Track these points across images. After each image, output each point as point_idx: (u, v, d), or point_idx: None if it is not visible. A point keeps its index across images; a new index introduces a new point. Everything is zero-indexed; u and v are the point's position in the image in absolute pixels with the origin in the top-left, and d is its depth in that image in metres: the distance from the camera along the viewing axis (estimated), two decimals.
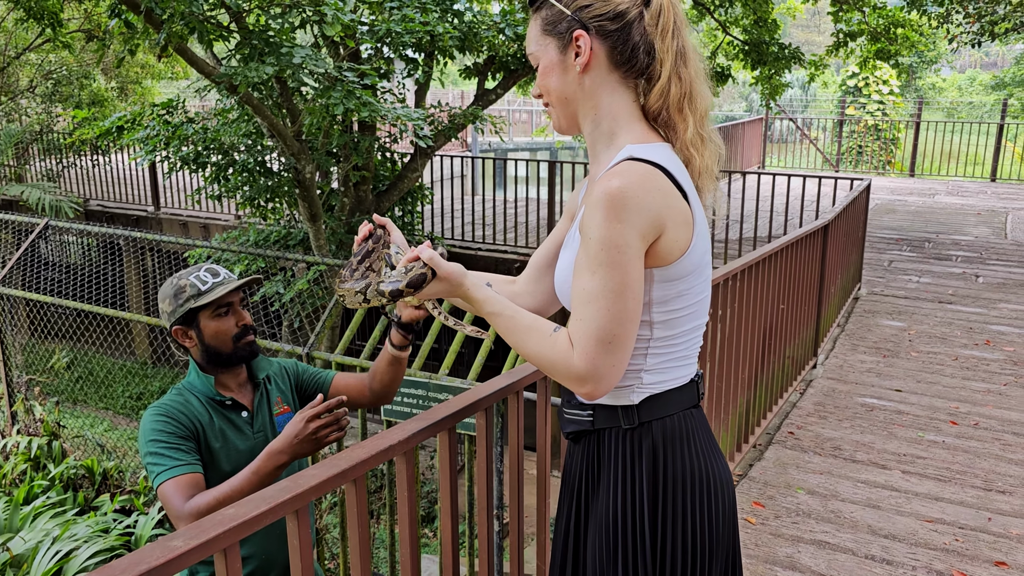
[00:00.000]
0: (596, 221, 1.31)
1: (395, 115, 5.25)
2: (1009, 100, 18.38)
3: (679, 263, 1.38)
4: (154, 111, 6.74)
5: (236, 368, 2.22)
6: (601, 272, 1.31)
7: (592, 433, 1.50)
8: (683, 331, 1.44)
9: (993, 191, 12.86)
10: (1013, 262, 8.29)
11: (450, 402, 1.65)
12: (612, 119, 1.44)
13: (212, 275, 2.16)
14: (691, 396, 1.50)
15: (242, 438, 2.16)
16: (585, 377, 1.32)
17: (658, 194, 1.33)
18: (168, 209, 11.67)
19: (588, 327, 1.32)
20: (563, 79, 1.43)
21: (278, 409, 2.28)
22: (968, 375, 5.35)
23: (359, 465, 1.37)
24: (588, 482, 1.52)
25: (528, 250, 8.91)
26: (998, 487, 3.83)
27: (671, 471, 1.44)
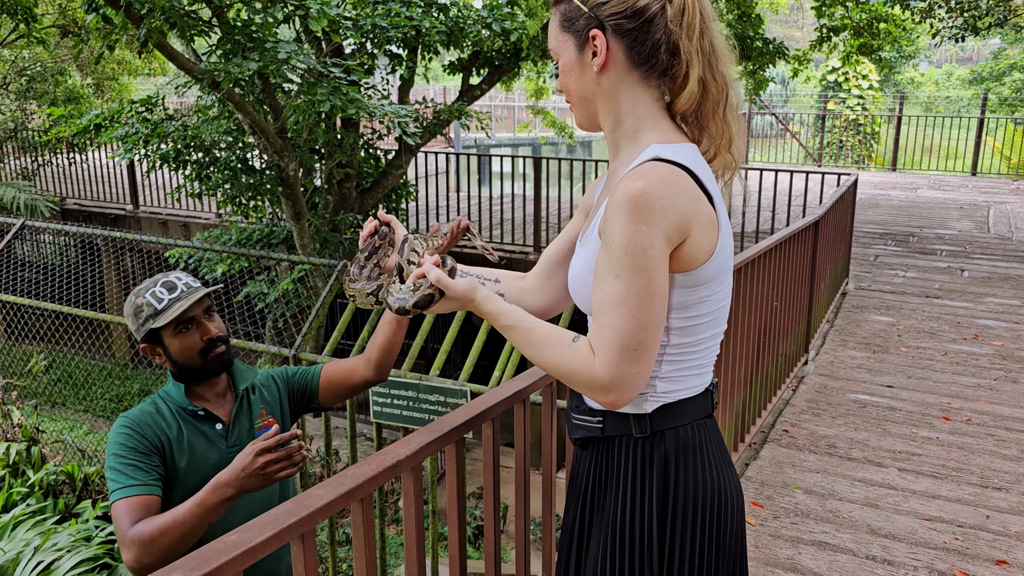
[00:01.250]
0: (619, 223, 1.25)
1: (382, 112, 5.16)
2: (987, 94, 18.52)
3: (703, 268, 1.32)
4: (133, 108, 6.60)
5: (212, 380, 2.13)
6: (625, 276, 1.25)
7: (601, 440, 1.44)
8: (701, 339, 1.39)
9: (974, 185, 12.95)
10: (997, 256, 8.33)
11: (457, 413, 1.58)
12: (635, 118, 1.38)
13: (168, 290, 2.04)
14: (705, 406, 1.45)
15: (214, 451, 2.07)
16: (609, 386, 1.27)
17: (684, 196, 1.27)
18: (147, 208, 11.49)
19: (612, 334, 1.26)
20: (581, 79, 1.38)
21: (260, 422, 2.13)
22: (958, 370, 5.35)
23: (366, 483, 1.30)
24: (595, 489, 1.46)
25: (515, 247, 8.85)
26: (994, 484, 3.81)
27: (682, 483, 1.39)
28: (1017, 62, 20.35)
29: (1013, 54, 21.09)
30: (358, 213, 7.94)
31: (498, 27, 6.01)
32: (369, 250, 1.54)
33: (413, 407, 4.50)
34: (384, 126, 5.51)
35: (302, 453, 1.83)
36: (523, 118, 23.94)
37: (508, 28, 6.02)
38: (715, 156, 1.40)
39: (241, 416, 2.13)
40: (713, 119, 1.38)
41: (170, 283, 2.05)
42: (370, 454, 6.10)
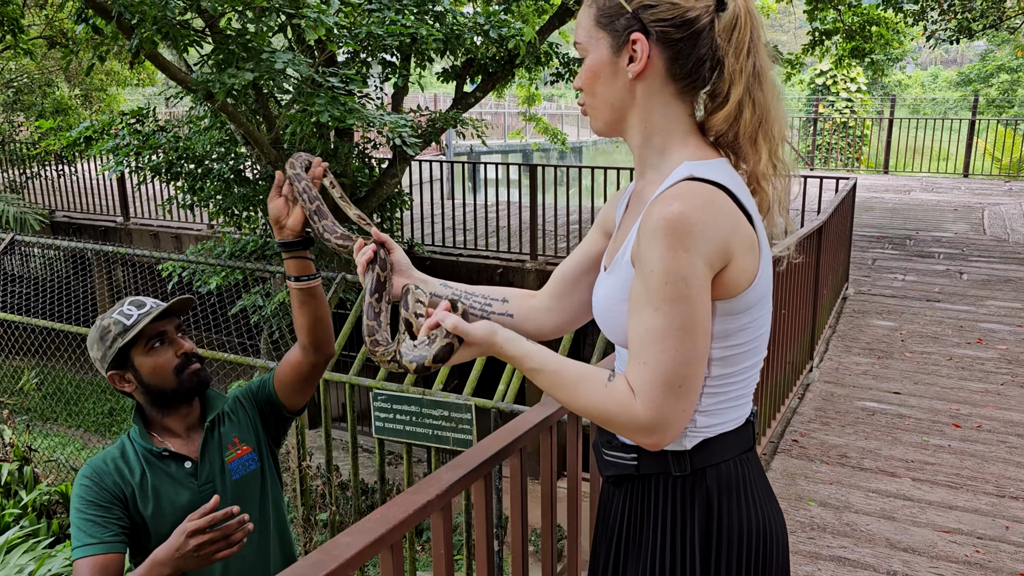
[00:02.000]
0: (656, 251, 1.15)
1: (381, 122, 5.07)
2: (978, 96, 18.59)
3: (745, 294, 1.23)
4: (124, 120, 6.49)
5: (185, 407, 1.97)
6: (665, 308, 1.15)
7: (636, 478, 1.35)
8: (742, 368, 1.29)
9: (967, 187, 12.96)
10: (995, 258, 8.31)
11: (484, 445, 1.50)
12: (665, 134, 1.28)
13: (137, 307, 1.92)
14: (747, 439, 1.36)
15: (184, 492, 1.91)
16: (652, 427, 1.17)
17: (724, 218, 1.18)
18: (138, 219, 11.36)
19: (653, 371, 1.17)
20: (611, 83, 1.27)
21: (231, 453, 1.99)
22: (964, 375, 5.30)
23: (396, 528, 1.21)
24: (630, 528, 1.37)
25: (511, 255, 8.77)
26: (1011, 493, 3.75)
27: (725, 523, 1.30)
28: (1004, 63, 20.45)
29: (1000, 56, 21.20)
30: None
31: (495, 34, 5.95)
32: (375, 287, 1.42)
33: (416, 422, 4.41)
34: (381, 136, 5.43)
35: (244, 529, 1.67)
36: (514, 124, 23.90)
37: (505, 35, 5.96)
38: (756, 192, 1.30)
39: (210, 449, 1.97)
40: (745, 143, 1.28)
41: (138, 302, 1.94)
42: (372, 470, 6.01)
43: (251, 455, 2.01)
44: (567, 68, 8.28)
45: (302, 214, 1.70)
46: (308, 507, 4.85)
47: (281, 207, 1.74)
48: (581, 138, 25.27)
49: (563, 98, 37.32)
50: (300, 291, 1.86)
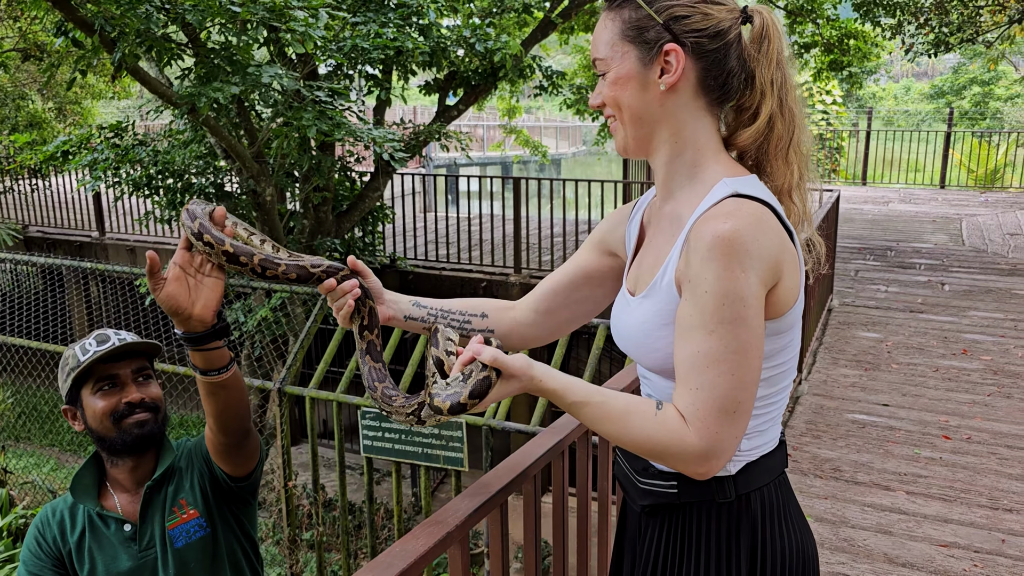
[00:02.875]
0: (713, 271, 1.11)
1: (369, 136, 5.02)
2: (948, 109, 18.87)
3: (790, 313, 1.20)
4: (102, 134, 6.38)
5: (132, 459, 1.78)
6: (721, 331, 1.11)
7: (675, 508, 1.30)
8: (780, 388, 1.27)
9: (944, 198, 13.11)
10: (975, 269, 8.38)
11: (499, 472, 1.44)
12: (696, 149, 1.24)
13: (99, 341, 1.75)
14: (782, 459, 1.33)
15: (123, 557, 1.75)
16: (706, 454, 1.13)
17: (773, 236, 1.15)
18: (113, 234, 11.19)
19: (708, 397, 1.12)
20: (641, 97, 1.22)
21: (175, 518, 1.77)
22: (951, 386, 5.32)
23: (418, 562, 1.16)
24: (668, 561, 1.32)
25: (494, 268, 8.72)
26: (1004, 505, 3.75)
27: (770, 550, 1.26)
28: (977, 76, 20.79)
29: (973, 69, 21.56)
30: (335, 237, 7.77)
31: (481, 47, 5.92)
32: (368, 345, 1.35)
33: (405, 440, 4.34)
34: (364, 149, 5.37)
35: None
36: (493, 137, 23.91)
37: (491, 48, 5.93)
38: (788, 210, 1.26)
39: (152, 511, 1.78)
40: (775, 159, 1.25)
41: (103, 336, 1.77)
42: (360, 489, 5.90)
43: (198, 520, 1.80)
44: (550, 81, 8.28)
45: (214, 294, 1.42)
46: (294, 527, 4.76)
47: (178, 293, 1.39)
48: (560, 150, 25.34)
49: (541, 110, 37.45)
50: (203, 384, 1.57)
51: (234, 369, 1.59)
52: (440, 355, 1.24)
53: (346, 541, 4.64)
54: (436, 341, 1.27)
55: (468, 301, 1.50)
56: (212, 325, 1.45)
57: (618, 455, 1.41)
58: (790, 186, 1.26)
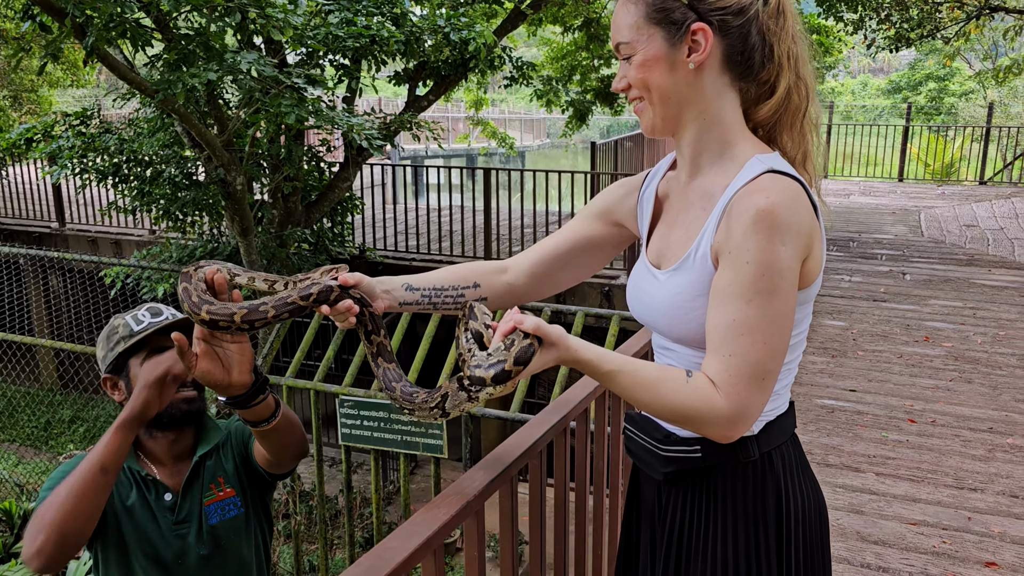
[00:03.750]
0: (755, 243, 1.16)
1: (347, 123, 4.99)
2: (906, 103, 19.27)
3: (813, 285, 1.28)
4: (67, 121, 6.26)
5: (172, 434, 1.79)
6: (759, 300, 1.16)
7: (700, 472, 1.34)
8: (797, 355, 1.35)
9: (902, 191, 13.41)
10: (934, 259, 8.61)
11: (508, 446, 1.47)
12: (723, 126, 1.29)
13: (153, 314, 1.77)
14: (794, 419, 1.41)
15: (156, 526, 1.75)
16: (735, 418, 1.18)
17: (807, 211, 1.21)
18: (74, 225, 10.97)
19: (741, 363, 1.17)
20: (670, 76, 1.26)
21: (212, 494, 1.80)
22: (915, 372, 5.47)
23: (440, 531, 1.18)
24: (693, 526, 1.36)
25: (465, 259, 8.74)
26: (969, 485, 3.88)
27: (792, 504, 1.33)
28: (933, 72, 21.27)
29: (929, 65, 22.04)
30: (304, 227, 7.72)
31: (456, 37, 5.92)
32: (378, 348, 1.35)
33: (384, 428, 4.35)
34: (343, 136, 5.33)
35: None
36: (458, 128, 23.86)
37: (466, 38, 5.93)
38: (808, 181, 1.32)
39: (194, 486, 1.80)
40: (790, 130, 1.32)
41: (156, 309, 1.80)
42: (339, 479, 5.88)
43: (234, 499, 1.83)
44: (520, 72, 8.30)
45: (246, 356, 1.41)
46: None
47: (212, 368, 1.39)
48: (525, 143, 25.39)
49: (505, 103, 37.44)
50: (258, 434, 1.59)
51: (282, 411, 1.60)
52: (479, 328, 1.25)
53: (323, 531, 4.64)
54: (474, 315, 1.29)
55: (457, 272, 1.50)
56: (252, 384, 1.46)
57: (631, 431, 1.45)
58: (804, 155, 1.32)
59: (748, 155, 1.27)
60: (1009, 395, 5.02)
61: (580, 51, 10.77)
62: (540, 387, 8.39)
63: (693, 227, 1.30)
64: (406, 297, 1.46)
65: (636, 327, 6.30)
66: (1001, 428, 4.53)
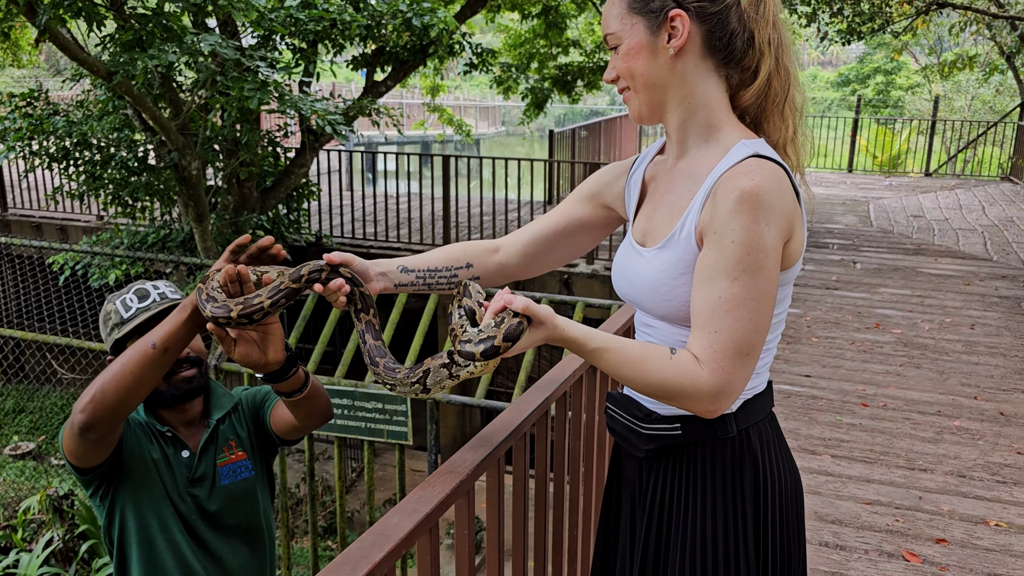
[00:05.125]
0: (740, 223, 1.20)
1: (311, 108, 4.92)
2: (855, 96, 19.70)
3: (794, 267, 1.32)
4: (13, 102, 6.06)
5: (182, 405, 1.89)
6: (743, 279, 1.21)
7: (680, 448, 1.38)
8: (777, 335, 1.39)
9: (852, 182, 13.73)
10: (883, 248, 8.85)
11: (495, 427, 1.49)
12: (708, 110, 1.33)
13: (139, 298, 1.83)
14: (771, 399, 1.46)
15: (173, 480, 1.83)
16: (719, 393, 1.22)
17: (789, 194, 1.25)
18: (17, 210, 10.64)
19: (726, 339, 1.21)
20: (652, 63, 1.30)
21: (224, 457, 1.91)
22: (867, 358, 5.63)
23: (437, 508, 1.19)
24: (673, 502, 1.40)
25: (422, 247, 8.71)
26: (919, 466, 4.02)
27: (770, 479, 1.37)
28: (881, 66, 21.76)
29: (877, 59, 22.55)
30: (260, 214, 7.61)
31: (418, 22, 5.88)
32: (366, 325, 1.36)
33: (348, 415, 4.33)
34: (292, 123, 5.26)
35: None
36: (413, 116, 23.69)
37: (428, 23, 5.90)
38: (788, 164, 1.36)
39: (210, 447, 1.90)
40: (771, 116, 1.35)
41: (143, 291, 1.84)
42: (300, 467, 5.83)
43: (245, 462, 1.93)
44: (479, 58, 8.28)
45: (277, 335, 1.48)
46: None
47: (249, 351, 1.47)
48: (481, 130, 25.33)
49: (460, 90, 37.25)
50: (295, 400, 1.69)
51: (312, 382, 1.71)
52: (473, 305, 1.28)
53: (285, 519, 4.61)
54: (468, 293, 1.32)
55: (450, 252, 1.55)
56: (285, 360, 1.56)
57: (613, 410, 1.48)
58: (785, 140, 1.36)
59: (734, 140, 1.31)
60: (955, 380, 5.19)
61: (538, 38, 10.78)
62: (500, 375, 8.42)
63: (678, 206, 1.34)
64: (401, 279, 1.49)
65: (601, 315, 6.35)
66: (948, 411, 4.70)
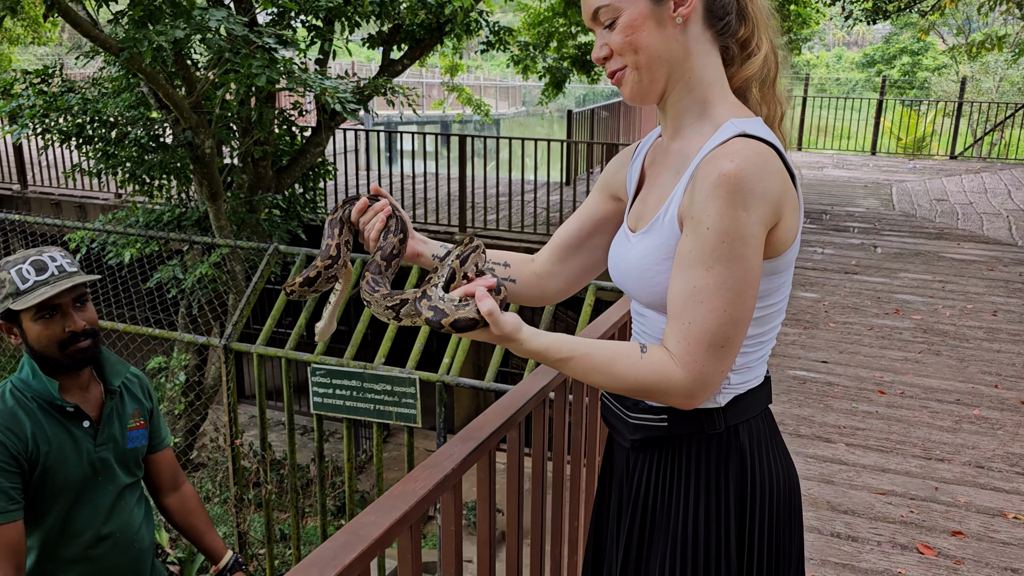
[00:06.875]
0: (715, 208, 1.13)
1: (320, 86, 4.87)
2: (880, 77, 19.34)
3: (786, 254, 1.24)
4: (28, 79, 6.05)
5: (69, 374, 1.94)
6: (719, 267, 1.14)
7: (666, 441, 1.33)
8: (772, 327, 1.31)
9: (875, 164, 13.50)
10: (905, 232, 8.69)
11: (487, 417, 1.44)
12: (705, 85, 1.26)
13: (37, 270, 1.83)
14: (768, 394, 1.38)
15: (78, 452, 1.90)
16: (692, 387, 1.16)
17: (777, 177, 1.17)
18: (37, 187, 10.71)
19: (699, 331, 1.15)
20: (659, 34, 1.22)
21: (133, 423, 2.02)
22: (885, 344, 5.53)
23: (418, 505, 1.15)
24: (657, 494, 1.35)
25: (439, 227, 8.66)
26: (936, 455, 3.94)
27: (758, 479, 1.30)
28: (907, 46, 21.34)
29: (904, 39, 22.11)
30: (276, 193, 7.58)
31: (433, 0, 5.79)
32: (390, 254, 1.33)
33: (357, 397, 4.31)
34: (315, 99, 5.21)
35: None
36: (432, 95, 23.58)
37: (443, 0, 5.81)
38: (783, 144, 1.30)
39: (113, 414, 1.99)
40: (772, 94, 1.29)
41: (40, 263, 1.84)
42: (310, 448, 5.86)
43: (144, 431, 2.05)
44: (497, 37, 8.17)
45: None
46: (241, 486, 4.69)
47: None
48: (501, 111, 25.18)
49: (480, 69, 37.03)
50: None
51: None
52: (457, 268, 1.24)
53: (295, 499, 4.61)
54: (465, 259, 1.27)
55: (492, 251, 1.51)
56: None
57: (607, 398, 1.43)
58: (782, 115, 1.31)
59: (724, 118, 1.24)
60: (976, 367, 5.09)
61: (557, 17, 10.64)
62: (515, 356, 8.38)
63: (666, 189, 1.28)
64: (439, 252, 1.46)
65: (614, 298, 6.28)
66: (968, 400, 4.60)
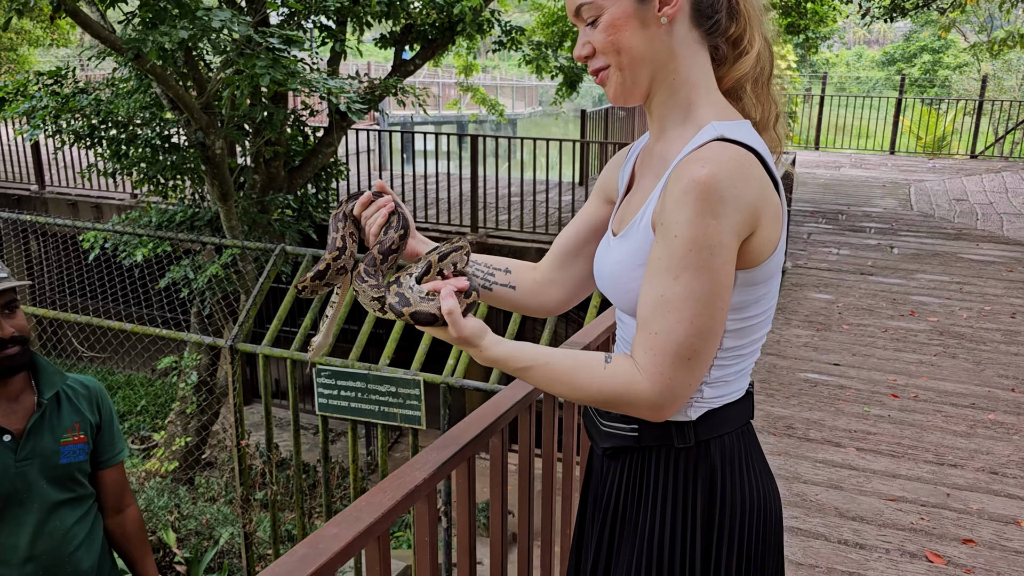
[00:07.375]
0: (683, 215, 1.09)
1: (326, 87, 4.85)
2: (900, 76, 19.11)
3: (766, 264, 1.18)
4: (40, 80, 6.09)
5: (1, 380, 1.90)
6: (686, 277, 1.09)
7: (636, 451, 1.28)
8: (752, 340, 1.25)
9: (893, 163, 13.33)
10: (922, 233, 8.56)
11: (466, 424, 1.40)
12: (690, 86, 1.21)
13: None
14: (748, 410, 1.32)
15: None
16: (659, 401, 1.12)
17: (754, 184, 1.12)
18: (54, 188, 10.79)
19: (665, 342, 1.10)
20: (643, 34, 1.17)
21: (69, 437, 1.96)
22: (899, 347, 5.44)
23: (385, 517, 1.11)
24: (626, 503, 1.31)
25: (451, 227, 8.64)
26: (949, 461, 3.86)
27: (728, 497, 1.25)
28: (927, 44, 21.07)
29: (924, 37, 21.84)
30: (287, 193, 7.59)
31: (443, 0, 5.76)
32: (388, 248, 1.30)
33: (362, 399, 4.28)
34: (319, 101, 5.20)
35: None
36: (447, 95, 23.57)
37: (451, 0, 5.77)
38: (774, 147, 1.25)
39: (43, 427, 1.92)
40: (765, 94, 1.24)
41: None
42: (315, 448, 5.87)
43: (83, 445, 1.99)
44: (509, 37, 8.13)
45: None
46: (247, 487, 4.69)
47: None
48: (517, 110, 25.13)
49: (497, 69, 37.02)
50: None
51: None
52: (434, 263, 1.23)
53: (300, 500, 4.60)
54: (444, 254, 1.26)
55: (496, 257, 1.50)
56: None
57: None
58: (776, 116, 1.26)
59: (706, 120, 1.19)
60: (992, 371, 4.99)
61: None
62: None
63: (646, 193, 1.24)
64: None
65: None
66: (983, 404, 4.51)
